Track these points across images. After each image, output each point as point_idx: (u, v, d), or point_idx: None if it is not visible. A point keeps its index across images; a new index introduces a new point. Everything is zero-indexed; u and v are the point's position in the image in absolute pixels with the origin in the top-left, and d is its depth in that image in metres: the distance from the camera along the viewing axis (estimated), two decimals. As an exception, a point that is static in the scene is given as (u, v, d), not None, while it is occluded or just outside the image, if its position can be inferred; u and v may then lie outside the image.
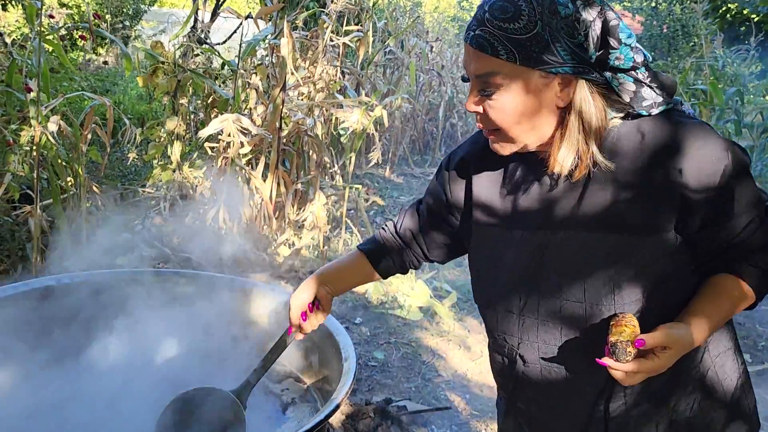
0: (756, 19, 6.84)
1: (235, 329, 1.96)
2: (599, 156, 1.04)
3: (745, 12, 7.20)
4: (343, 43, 4.90)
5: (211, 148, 4.10)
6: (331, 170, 4.69)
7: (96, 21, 4.10)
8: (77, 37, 8.08)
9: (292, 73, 3.98)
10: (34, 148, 3.23)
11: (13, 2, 7.87)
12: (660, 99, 1.05)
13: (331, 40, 4.70)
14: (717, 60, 6.84)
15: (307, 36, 4.57)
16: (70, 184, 3.58)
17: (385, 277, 1.47)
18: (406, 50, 7.94)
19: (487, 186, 1.21)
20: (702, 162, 1.02)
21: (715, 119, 5.57)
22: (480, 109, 1.06)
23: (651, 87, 1.04)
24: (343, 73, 5.39)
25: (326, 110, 4.45)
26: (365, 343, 3.42)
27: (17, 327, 1.77)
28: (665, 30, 17.17)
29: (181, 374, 1.77)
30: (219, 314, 1.97)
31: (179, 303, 1.93)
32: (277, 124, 3.85)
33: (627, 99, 1.04)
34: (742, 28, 7.10)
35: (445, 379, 3.16)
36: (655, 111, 1.06)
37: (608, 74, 1.02)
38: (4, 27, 7.26)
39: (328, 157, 4.37)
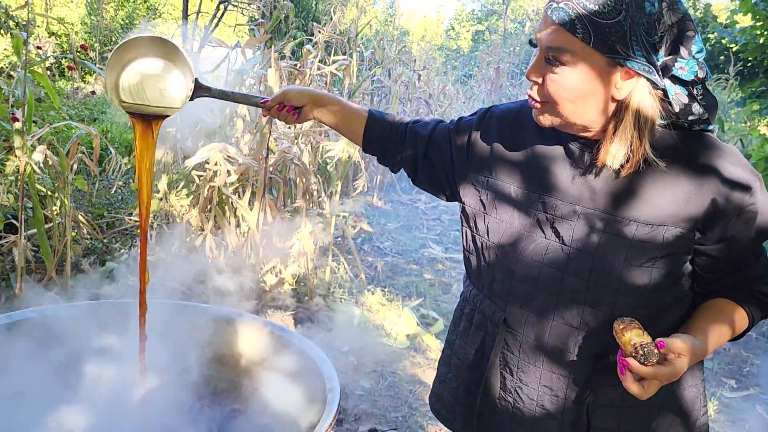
0: (734, 49, 6.99)
1: (219, 360, 1.95)
2: (651, 154, 1.06)
3: (724, 42, 7.36)
4: (330, 72, 4.96)
5: (198, 177, 4.11)
6: (318, 198, 4.70)
7: (83, 51, 4.13)
8: (65, 66, 8.12)
9: (279, 103, 4.01)
10: (19, 177, 3.22)
11: (2, 31, 7.91)
12: (705, 117, 1.08)
13: (318, 69, 4.76)
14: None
15: (294, 65, 4.62)
16: (55, 213, 3.57)
17: (363, 148, 1.49)
18: (393, 79, 8.02)
19: (514, 146, 1.23)
20: (735, 179, 1.06)
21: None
22: (539, 79, 1.08)
23: (701, 105, 1.07)
24: (330, 101, 5.43)
25: (312, 139, 4.48)
26: (352, 371, 3.40)
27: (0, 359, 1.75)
28: (648, 58, 17.51)
29: (164, 406, 1.75)
30: (204, 345, 1.96)
31: (164, 333, 1.92)
32: (264, 153, 3.87)
33: (677, 109, 1.06)
34: (721, 57, 7.26)
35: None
36: (696, 127, 1.09)
37: (667, 81, 1.04)
38: (-9, 56, 7.28)
39: (314, 185, 4.39)
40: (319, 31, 5.24)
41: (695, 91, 1.05)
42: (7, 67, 6.95)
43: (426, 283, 4.90)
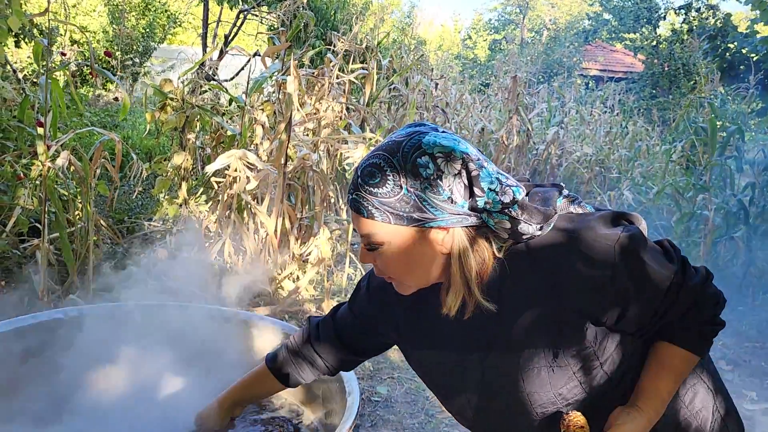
0: (755, 59, 6.92)
1: (239, 363, 1.97)
2: (481, 299, 1.09)
3: (744, 51, 7.29)
4: (349, 80, 5.00)
5: (218, 183, 4.15)
6: (335, 205, 4.73)
7: (106, 58, 4.20)
8: (87, 73, 8.25)
9: (298, 110, 4.05)
10: (43, 182, 3.28)
11: (26, 39, 8.04)
12: (538, 232, 1.08)
13: (337, 78, 4.79)
14: (717, 98, 6.92)
15: (313, 73, 4.66)
16: (77, 217, 3.63)
17: (294, 387, 1.52)
18: (411, 87, 8.04)
19: (411, 313, 1.26)
20: (590, 266, 1.05)
21: (717, 155, 5.62)
22: (373, 260, 1.13)
23: (527, 222, 1.07)
24: (348, 109, 5.48)
25: (331, 146, 4.51)
26: (368, 377, 3.41)
27: (23, 359, 1.78)
28: (666, 68, 17.41)
29: (185, 409, 1.77)
30: (223, 348, 1.98)
31: (184, 337, 1.94)
32: (283, 160, 3.90)
33: (505, 236, 1.08)
34: (741, 67, 7.18)
35: (448, 415, 3.14)
36: (539, 234, 1.09)
37: (484, 215, 1.06)
38: (16, 63, 7.41)
39: (332, 192, 4.41)
40: (339, 40, 5.28)
41: (514, 213, 1.06)
42: (30, 75, 7.07)
43: (442, 290, 4.89)
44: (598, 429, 1.09)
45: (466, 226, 1.07)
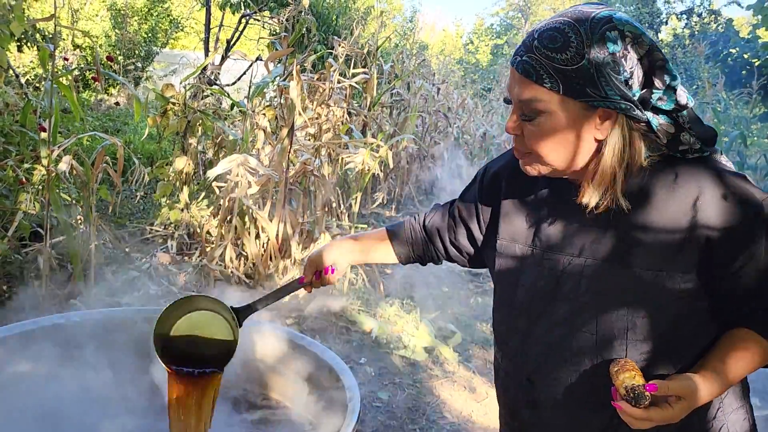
0: (757, 63, 6.93)
1: (241, 369, 1.96)
2: (620, 196, 1.05)
3: (746, 56, 7.31)
4: (350, 85, 5.00)
5: (219, 188, 4.16)
6: (337, 210, 4.73)
7: (108, 63, 4.21)
8: (90, 78, 8.27)
9: (300, 115, 4.05)
10: (45, 186, 3.28)
11: (29, 44, 8.07)
12: (697, 145, 1.05)
13: (339, 82, 4.80)
14: (719, 102, 6.93)
15: (314, 78, 4.67)
16: (79, 222, 3.63)
17: (403, 262, 1.50)
18: (412, 92, 8.05)
19: (515, 203, 1.23)
20: (730, 209, 1.01)
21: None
22: (519, 131, 1.07)
23: (690, 133, 1.04)
24: (349, 114, 5.49)
25: (333, 151, 4.51)
26: (369, 383, 3.40)
27: (25, 364, 1.78)
28: (668, 73, 17.46)
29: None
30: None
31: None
32: (285, 165, 3.91)
33: (665, 140, 1.04)
34: (743, 72, 7.20)
35: (450, 420, 3.13)
36: (690, 156, 1.06)
37: (649, 113, 1.02)
38: (19, 68, 7.43)
39: (334, 196, 4.41)
40: (340, 45, 5.29)
41: (681, 120, 1.03)
42: (33, 80, 7.09)
43: (444, 296, 4.89)
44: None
45: (630, 117, 1.01)
